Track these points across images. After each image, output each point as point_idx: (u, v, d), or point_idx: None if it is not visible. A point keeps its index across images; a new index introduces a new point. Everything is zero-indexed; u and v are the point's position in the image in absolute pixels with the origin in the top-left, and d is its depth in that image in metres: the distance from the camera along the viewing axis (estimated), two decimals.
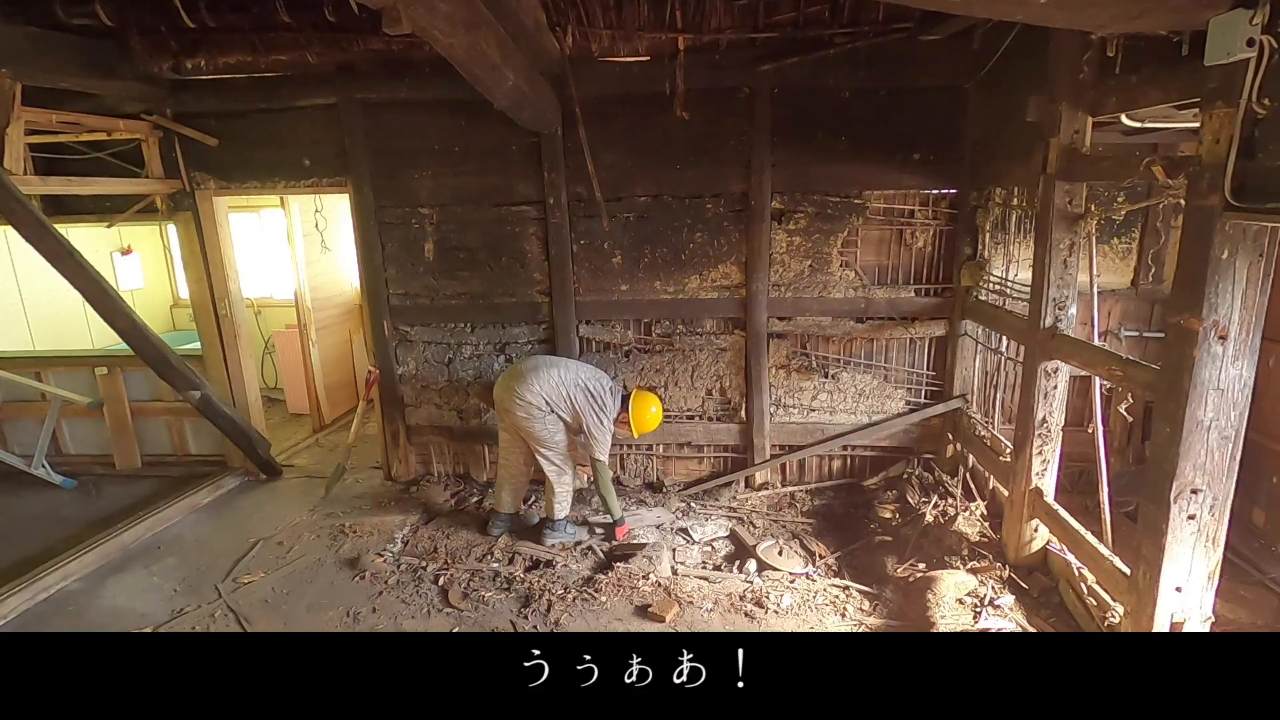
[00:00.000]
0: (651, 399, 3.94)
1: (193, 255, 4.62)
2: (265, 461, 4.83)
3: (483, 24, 2.63)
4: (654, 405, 3.93)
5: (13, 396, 5.02)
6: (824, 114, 3.97)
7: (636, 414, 3.85)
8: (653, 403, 3.92)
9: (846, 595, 3.35)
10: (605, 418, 3.78)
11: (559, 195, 4.17)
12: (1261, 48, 1.73)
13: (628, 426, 3.86)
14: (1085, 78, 2.76)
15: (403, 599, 3.40)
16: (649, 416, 3.90)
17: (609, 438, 3.83)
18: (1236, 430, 2.18)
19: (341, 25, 3.59)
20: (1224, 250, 2.01)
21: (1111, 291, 4.09)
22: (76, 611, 3.40)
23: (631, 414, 3.83)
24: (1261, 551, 3.50)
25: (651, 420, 3.92)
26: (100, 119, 4.12)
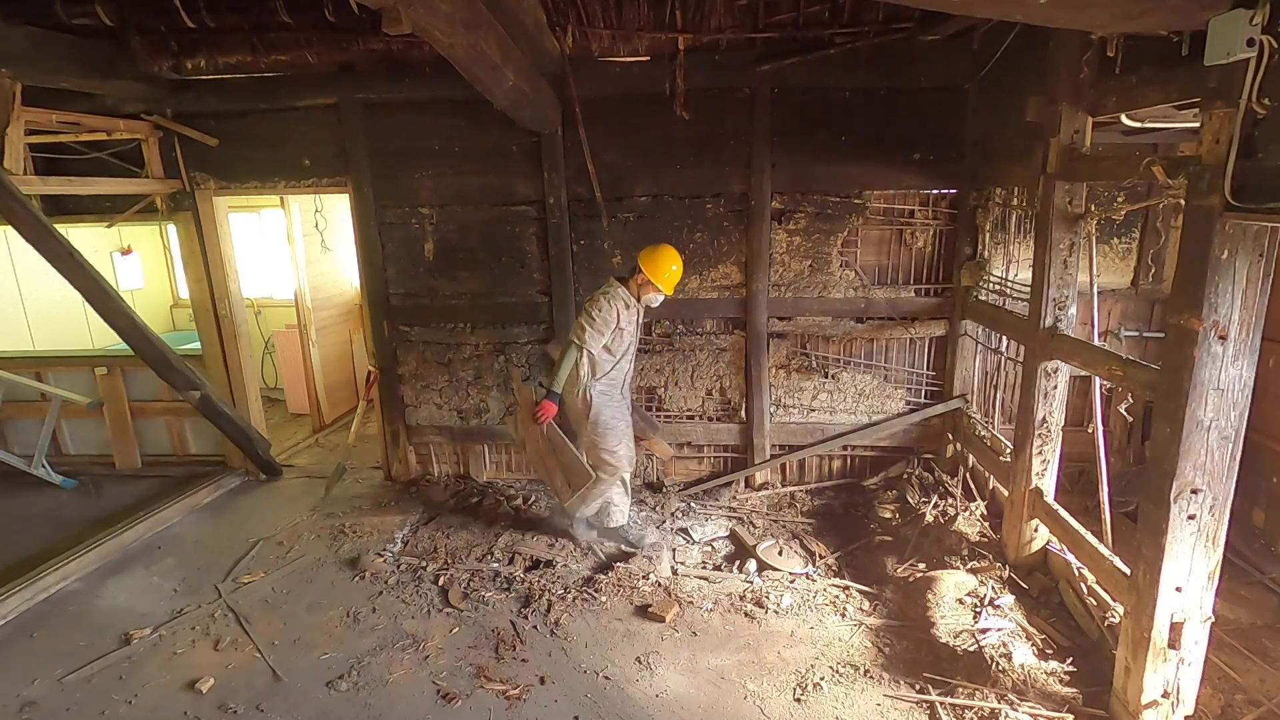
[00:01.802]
0: (659, 246, 3.57)
1: (193, 255, 4.62)
2: (265, 461, 4.83)
3: (483, 24, 2.63)
4: (664, 248, 3.55)
5: (13, 396, 5.02)
6: (824, 114, 3.97)
7: (652, 262, 3.47)
8: (661, 248, 3.54)
9: (846, 595, 3.35)
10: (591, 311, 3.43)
11: (559, 195, 4.17)
12: (1261, 48, 1.73)
13: (652, 286, 3.49)
14: (1085, 78, 2.76)
15: (403, 599, 3.40)
16: (664, 256, 3.50)
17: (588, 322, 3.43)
18: (1236, 430, 2.18)
19: (341, 25, 3.60)
20: (1224, 250, 2.00)
21: (1111, 291, 4.09)
22: (76, 611, 3.40)
23: (647, 267, 3.46)
24: (1261, 551, 3.50)
25: (669, 257, 3.51)
26: (100, 119, 4.12)
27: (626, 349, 3.56)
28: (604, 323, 3.40)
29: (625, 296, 3.45)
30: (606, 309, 3.40)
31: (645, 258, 3.48)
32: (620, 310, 3.40)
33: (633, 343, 3.59)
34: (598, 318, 3.39)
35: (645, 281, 3.48)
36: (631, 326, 3.53)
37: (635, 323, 3.55)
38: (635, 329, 3.56)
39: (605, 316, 3.41)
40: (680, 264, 3.55)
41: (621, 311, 3.41)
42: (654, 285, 3.48)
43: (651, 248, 3.53)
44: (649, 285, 3.49)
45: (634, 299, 3.51)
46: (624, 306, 3.44)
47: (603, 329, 3.41)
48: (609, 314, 3.41)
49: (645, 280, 3.48)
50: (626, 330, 3.49)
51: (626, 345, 3.54)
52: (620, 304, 3.43)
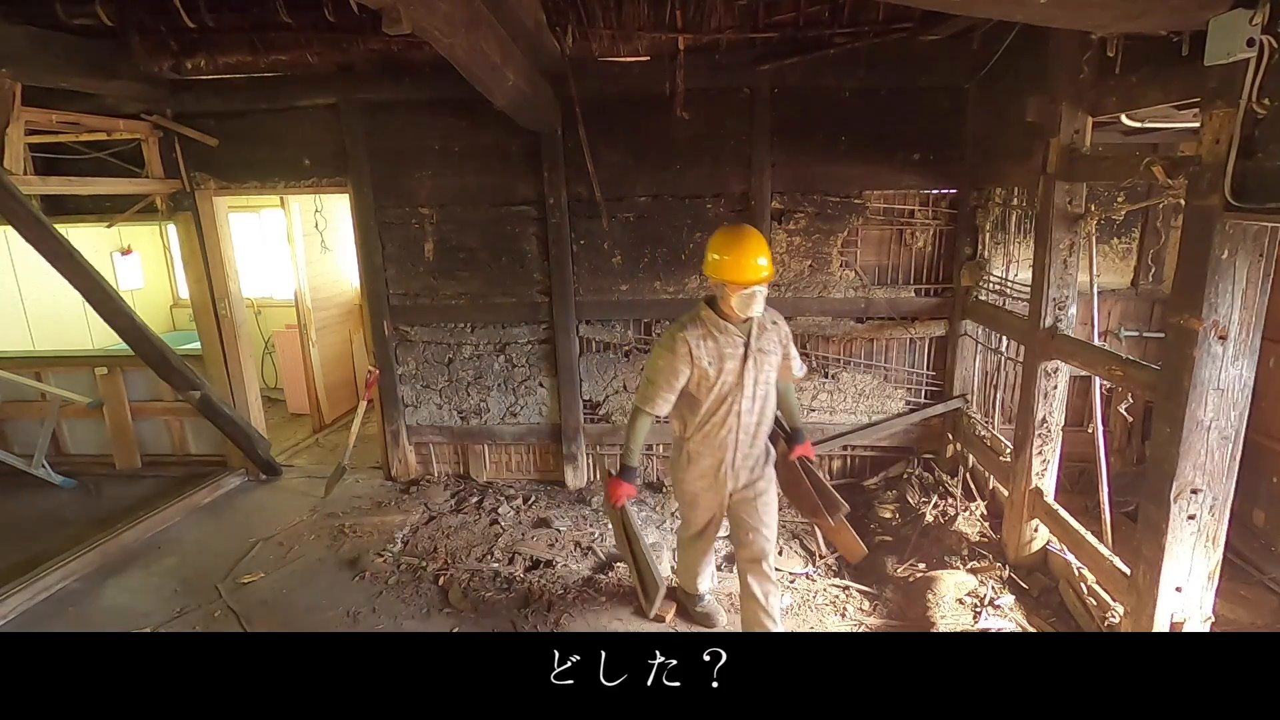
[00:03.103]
0: (714, 233, 2.63)
1: (193, 255, 4.62)
2: (265, 461, 4.83)
3: (483, 24, 2.63)
4: (718, 232, 2.61)
5: (13, 396, 5.02)
6: (824, 114, 3.97)
7: (709, 260, 2.54)
8: (715, 234, 2.61)
9: (846, 595, 3.35)
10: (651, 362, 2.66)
11: (559, 195, 4.17)
12: (1261, 48, 1.73)
13: (728, 288, 2.50)
14: (1085, 78, 2.76)
15: (403, 599, 3.40)
16: (714, 242, 2.56)
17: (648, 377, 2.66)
18: (1236, 430, 2.18)
19: (341, 25, 3.59)
20: (1224, 250, 2.01)
21: (1111, 291, 4.09)
22: (77, 612, 3.40)
23: (707, 269, 2.55)
24: (1261, 551, 3.49)
25: (720, 240, 2.55)
26: (100, 119, 4.12)
27: (727, 389, 2.58)
28: (669, 372, 2.56)
29: (704, 323, 2.55)
30: (665, 356, 2.57)
31: (707, 255, 2.56)
32: (692, 346, 2.51)
33: (746, 377, 2.57)
34: (660, 368, 2.58)
35: (718, 286, 2.54)
36: (728, 359, 2.55)
37: (736, 349, 2.55)
38: (740, 358, 2.55)
39: (668, 363, 2.56)
40: (740, 237, 2.52)
41: (694, 347, 2.52)
42: (728, 285, 2.49)
43: (714, 238, 2.58)
44: (724, 290, 2.51)
45: (721, 318, 2.56)
46: (699, 338, 2.53)
47: (670, 379, 2.57)
48: (671, 359, 2.55)
49: (718, 285, 2.53)
50: (714, 365, 2.55)
51: (724, 383, 2.57)
52: (693, 337, 2.53)
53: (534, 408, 4.61)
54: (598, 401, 4.55)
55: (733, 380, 2.57)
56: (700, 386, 2.59)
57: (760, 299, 2.49)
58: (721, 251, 2.48)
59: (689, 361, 2.54)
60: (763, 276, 2.47)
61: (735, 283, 2.46)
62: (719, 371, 2.55)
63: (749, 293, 2.47)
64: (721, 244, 2.51)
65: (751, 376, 2.58)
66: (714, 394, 2.58)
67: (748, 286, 2.46)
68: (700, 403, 2.61)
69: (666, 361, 2.56)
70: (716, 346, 2.55)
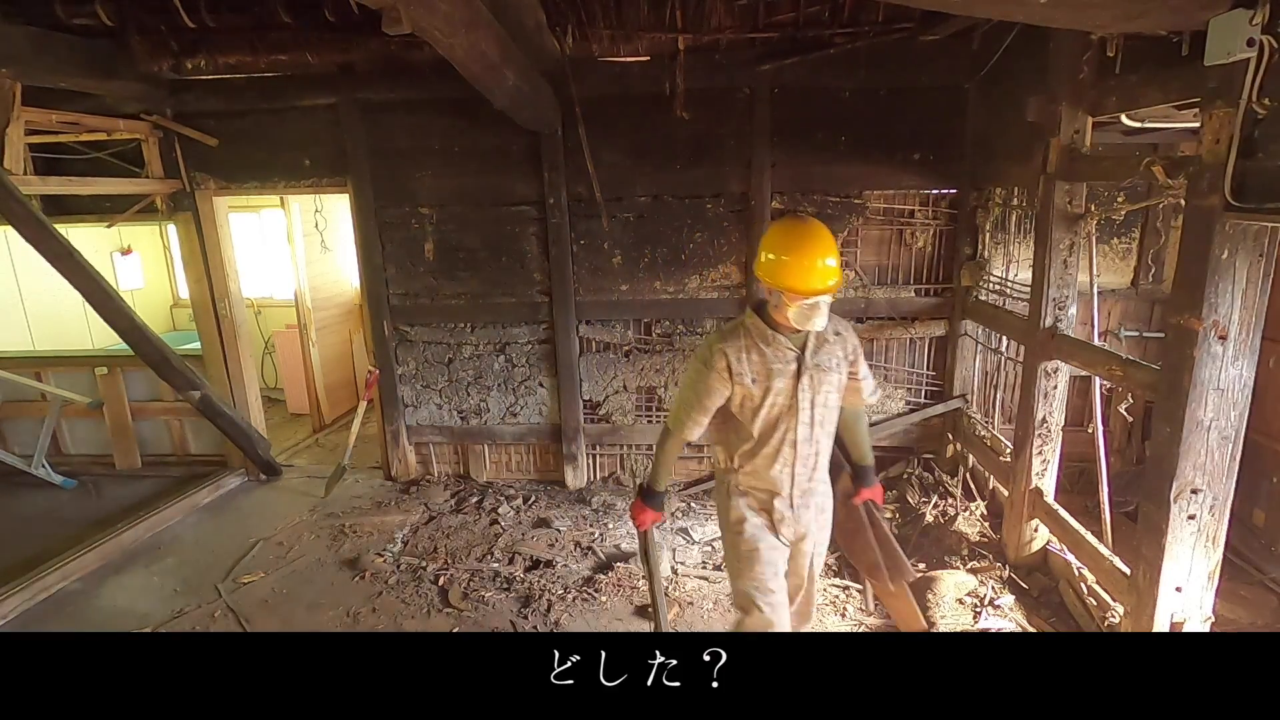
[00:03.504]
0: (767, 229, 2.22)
1: (193, 255, 4.62)
2: (265, 461, 4.83)
3: (483, 24, 2.63)
4: (771, 228, 2.14)
5: (13, 396, 5.02)
6: (824, 114, 3.97)
7: (761, 261, 2.07)
8: (768, 230, 2.15)
9: (846, 595, 3.35)
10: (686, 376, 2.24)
11: (559, 195, 4.17)
12: (1261, 48, 1.73)
13: (795, 295, 1.99)
14: (1085, 78, 2.76)
15: (403, 599, 3.40)
16: (767, 240, 2.08)
17: (680, 394, 2.25)
18: (1236, 430, 2.18)
19: (341, 25, 3.60)
20: (1224, 250, 2.01)
21: (1111, 291, 4.09)
22: (76, 612, 3.40)
23: (759, 270, 2.08)
24: (1261, 551, 3.49)
25: (772, 237, 2.08)
26: (100, 119, 4.12)
27: (778, 413, 2.12)
28: (703, 391, 2.14)
29: (749, 333, 2.11)
30: (699, 371, 2.14)
31: (760, 254, 2.09)
32: (731, 361, 2.08)
33: (800, 399, 2.10)
34: (693, 385, 2.17)
35: (771, 293, 2.07)
36: (778, 377, 2.09)
37: (788, 364, 2.09)
38: (793, 375, 2.09)
39: (702, 380, 2.14)
40: (803, 234, 2.03)
41: (735, 362, 2.08)
42: (784, 293, 2.00)
43: (769, 232, 2.12)
44: (779, 297, 2.03)
45: (770, 328, 2.10)
46: (741, 351, 2.09)
47: (704, 398, 2.15)
48: (705, 375, 2.13)
49: (772, 291, 2.06)
50: (759, 384, 2.10)
51: (773, 405, 2.11)
52: (733, 350, 2.09)
53: (534, 408, 4.61)
54: (598, 401, 4.55)
55: (784, 402, 2.10)
56: (744, 409, 2.15)
57: (824, 311, 2.02)
58: (778, 250, 2.01)
59: (727, 379, 2.10)
60: (829, 284, 1.98)
61: (795, 291, 1.97)
62: (766, 391, 2.09)
63: (811, 303, 1.99)
64: (778, 241, 2.04)
65: (807, 398, 2.10)
66: (762, 418, 2.12)
67: (810, 296, 1.97)
68: (746, 429, 2.16)
69: (700, 377, 2.14)
70: (763, 361, 2.09)
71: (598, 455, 4.68)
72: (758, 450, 2.17)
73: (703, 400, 2.16)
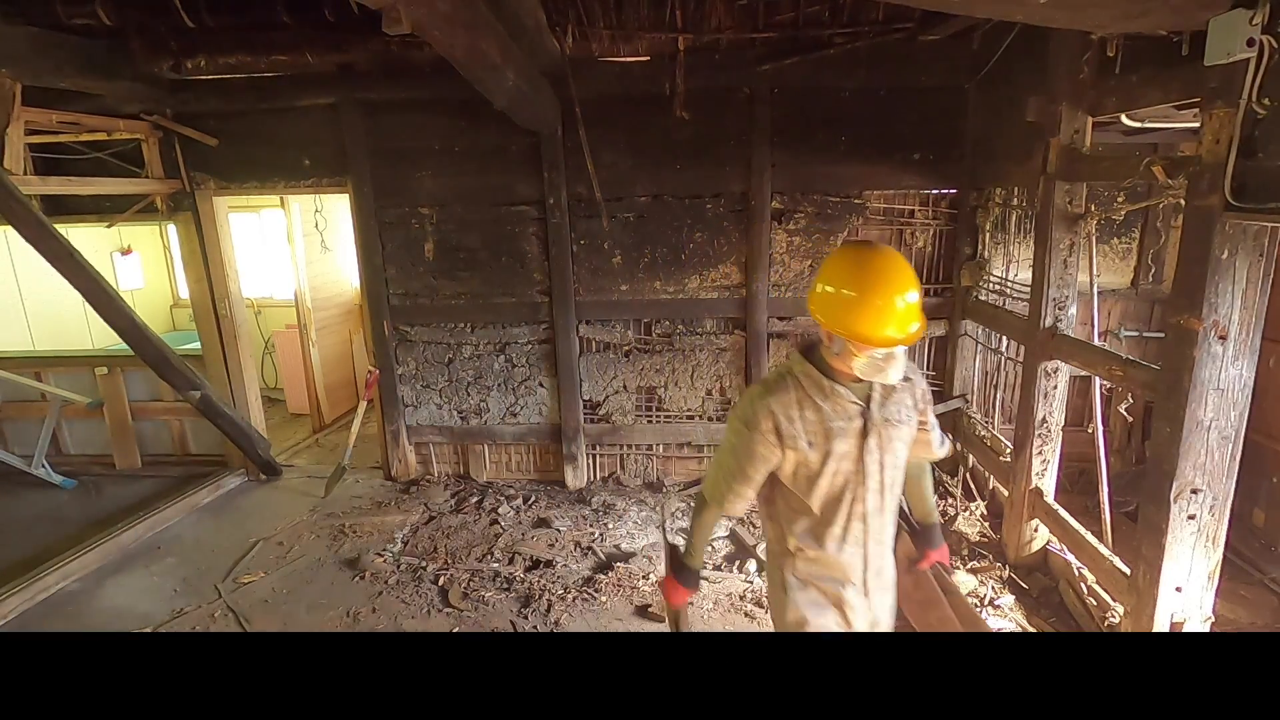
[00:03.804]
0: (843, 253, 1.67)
1: (193, 255, 4.62)
2: (265, 461, 4.83)
3: (483, 24, 2.63)
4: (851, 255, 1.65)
5: (13, 396, 5.02)
6: (824, 114, 3.97)
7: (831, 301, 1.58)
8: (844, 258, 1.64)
9: None
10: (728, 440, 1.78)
11: (559, 195, 4.17)
12: (1261, 48, 1.73)
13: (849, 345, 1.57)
14: (1085, 78, 2.76)
15: (403, 599, 3.40)
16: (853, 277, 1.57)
17: (718, 460, 1.81)
18: (1236, 430, 2.19)
19: (341, 25, 3.60)
20: (1224, 250, 2.01)
21: (1111, 291, 4.09)
22: (76, 612, 3.40)
23: (822, 309, 1.60)
24: (1261, 551, 3.49)
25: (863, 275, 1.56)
26: (100, 119, 4.12)
27: (842, 481, 1.69)
28: (746, 457, 1.71)
29: (800, 385, 1.67)
30: (740, 434, 1.71)
31: (818, 287, 1.63)
32: (780, 421, 1.65)
33: (867, 462, 1.68)
34: (733, 451, 1.74)
35: (834, 338, 1.61)
36: (839, 438, 1.66)
37: (850, 420, 1.66)
38: (858, 433, 1.66)
39: (744, 445, 1.70)
40: (878, 266, 1.57)
41: (785, 423, 1.65)
42: (850, 341, 1.56)
43: (831, 259, 1.65)
44: (844, 344, 1.58)
45: (826, 377, 1.66)
46: (792, 408, 1.66)
47: (747, 467, 1.72)
48: (748, 440, 1.69)
49: (833, 337, 1.61)
50: (817, 447, 1.66)
51: (835, 472, 1.68)
52: (781, 406, 1.66)
53: (534, 408, 4.62)
54: (598, 401, 4.55)
55: (849, 468, 1.67)
56: (798, 477, 1.71)
57: (901, 361, 1.59)
58: (844, 284, 1.56)
59: (776, 443, 1.66)
60: (911, 330, 1.54)
61: (866, 339, 1.52)
62: (825, 456, 1.66)
63: (885, 354, 1.55)
64: (844, 273, 1.58)
65: (875, 460, 1.67)
66: (822, 489, 1.69)
67: (886, 346, 1.53)
68: (802, 502, 1.72)
69: (742, 442, 1.70)
70: (819, 420, 1.65)
71: (598, 455, 4.69)
72: (820, 529, 1.73)
73: (745, 469, 1.73)
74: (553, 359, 4.48)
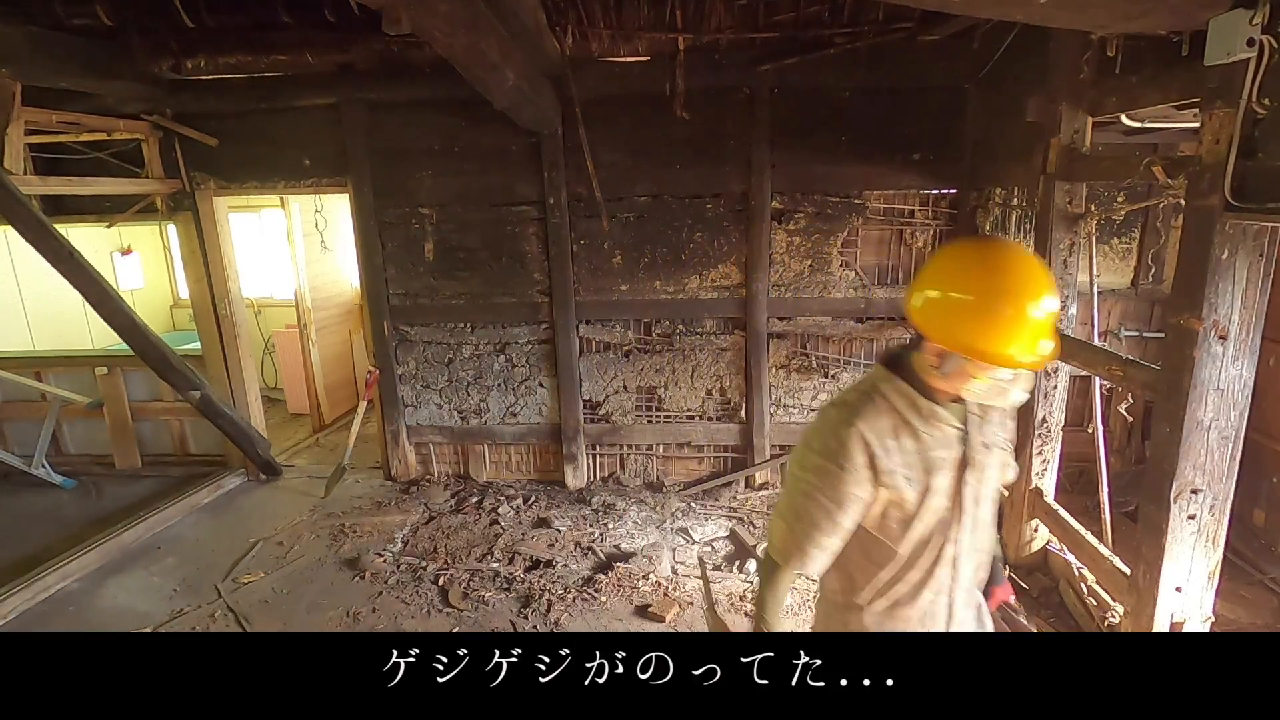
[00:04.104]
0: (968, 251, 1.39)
1: (193, 255, 4.62)
2: (265, 461, 4.83)
3: (483, 24, 2.63)
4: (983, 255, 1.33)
5: (13, 396, 5.02)
6: (824, 114, 3.97)
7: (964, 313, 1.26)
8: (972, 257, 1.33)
9: None
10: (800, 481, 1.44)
11: (559, 195, 4.17)
12: (1261, 48, 1.73)
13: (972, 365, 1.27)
14: (1085, 78, 2.76)
15: (403, 599, 3.40)
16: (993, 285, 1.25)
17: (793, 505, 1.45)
18: (1236, 430, 2.18)
19: (341, 25, 3.60)
20: (1224, 250, 2.01)
21: (1111, 291, 4.09)
22: (76, 611, 3.40)
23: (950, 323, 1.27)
24: (1261, 551, 3.49)
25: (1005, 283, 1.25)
26: (100, 119, 4.12)
27: (935, 522, 1.41)
28: (834, 500, 1.38)
29: (892, 405, 1.39)
30: (824, 469, 1.38)
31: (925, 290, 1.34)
32: (876, 453, 1.35)
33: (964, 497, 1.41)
34: (815, 492, 1.40)
35: (944, 355, 1.32)
36: (939, 470, 1.39)
37: (949, 449, 1.40)
38: (956, 464, 1.40)
39: (832, 485, 1.38)
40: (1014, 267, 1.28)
41: (881, 454, 1.36)
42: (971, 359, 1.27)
43: (944, 258, 1.39)
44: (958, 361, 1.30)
45: (922, 395, 1.39)
46: (887, 434, 1.37)
47: (834, 512, 1.39)
48: (837, 478, 1.37)
49: (943, 353, 1.32)
50: (915, 482, 1.38)
51: (930, 510, 1.40)
52: (875, 432, 1.36)
53: (534, 408, 4.62)
54: (598, 401, 4.55)
55: (944, 504, 1.39)
56: (887, 521, 1.41)
57: (1029, 380, 1.32)
58: (969, 290, 1.26)
59: (869, 480, 1.35)
60: (1048, 350, 1.27)
61: (995, 359, 1.23)
62: (923, 493, 1.37)
63: (1012, 377, 1.28)
64: (968, 276, 1.28)
65: (972, 494, 1.40)
66: (915, 534, 1.40)
67: (1019, 368, 1.26)
68: (886, 548, 1.44)
69: (826, 482, 1.36)
70: (919, 449, 1.37)
71: (598, 455, 4.69)
72: (901, 575, 1.45)
73: (834, 516, 1.37)
74: (553, 359, 4.48)
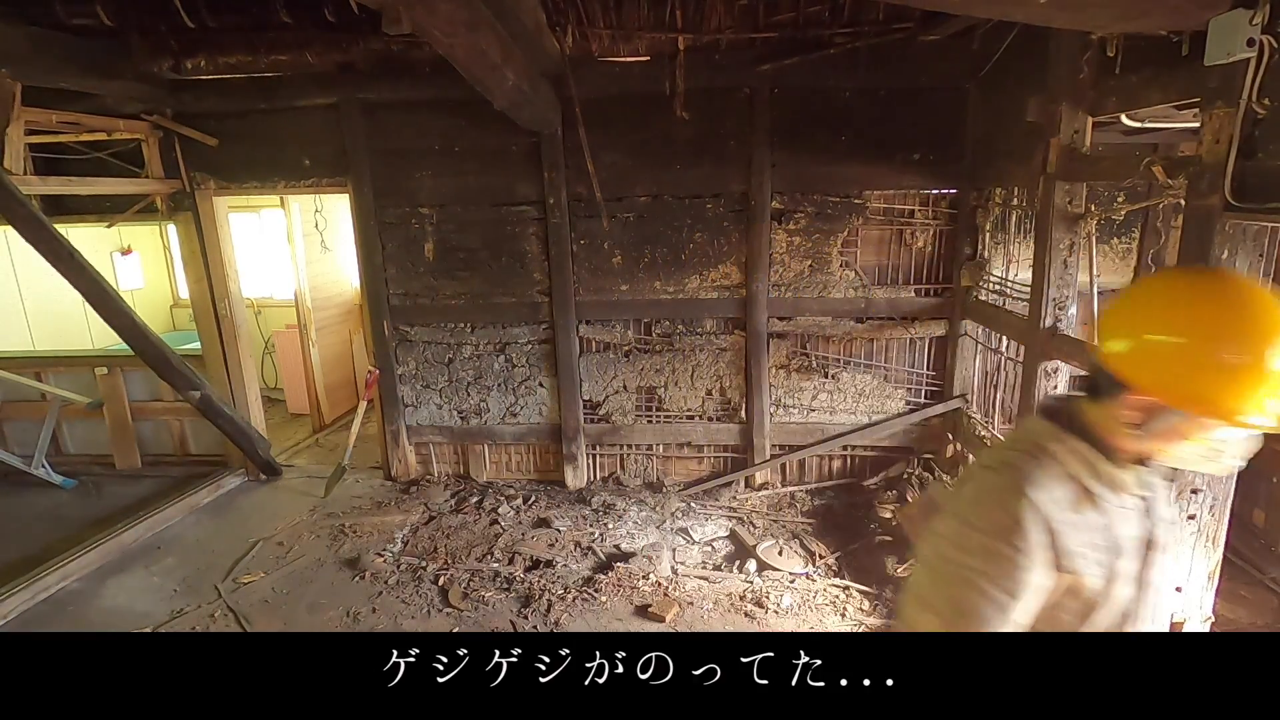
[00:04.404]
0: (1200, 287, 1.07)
1: (193, 255, 4.62)
2: (265, 461, 4.83)
3: (483, 24, 2.63)
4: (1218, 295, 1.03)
5: (13, 396, 5.02)
6: (824, 114, 3.97)
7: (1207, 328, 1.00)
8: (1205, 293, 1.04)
9: (846, 595, 3.35)
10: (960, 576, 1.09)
11: (559, 195, 4.17)
12: (1261, 48, 1.73)
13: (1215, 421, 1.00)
14: (1085, 78, 2.76)
15: (403, 599, 3.40)
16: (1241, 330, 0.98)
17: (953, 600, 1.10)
18: None
19: (341, 25, 3.60)
20: (1224, 250, 2.01)
21: (1112, 291, 4.09)
22: (76, 611, 3.40)
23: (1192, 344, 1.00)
24: (1261, 551, 3.50)
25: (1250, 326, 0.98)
26: (100, 119, 4.12)
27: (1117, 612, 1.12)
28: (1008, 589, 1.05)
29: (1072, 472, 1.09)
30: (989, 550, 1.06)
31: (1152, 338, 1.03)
32: (1057, 530, 1.05)
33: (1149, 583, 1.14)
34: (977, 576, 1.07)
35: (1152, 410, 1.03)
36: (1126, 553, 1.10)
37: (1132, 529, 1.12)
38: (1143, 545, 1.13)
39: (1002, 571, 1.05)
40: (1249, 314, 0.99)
41: (1063, 530, 1.05)
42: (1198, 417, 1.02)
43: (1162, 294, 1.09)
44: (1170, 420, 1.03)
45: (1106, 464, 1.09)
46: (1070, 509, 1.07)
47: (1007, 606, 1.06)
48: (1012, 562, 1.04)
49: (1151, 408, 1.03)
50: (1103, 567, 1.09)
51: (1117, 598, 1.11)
52: (1057, 508, 1.06)
53: (534, 408, 4.62)
54: (598, 401, 4.55)
55: (1131, 595, 1.13)
56: (1059, 614, 1.13)
57: (1249, 449, 1.08)
58: (1223, 336, 1.00)
59: (1049, 562, 1.06)
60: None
61: (1241, 415, 0.99)
62: (1110, 579, 1.11)
63: (1229, 439, 1.06)
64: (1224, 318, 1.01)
65: (1157, 582, 1.17)
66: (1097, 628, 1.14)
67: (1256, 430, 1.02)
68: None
69: (1002, 569, 1.06)
70: (1108, 526, 1.10)
71: (598, 455, 4.69)
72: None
73: (1007, 611, 1.07)
74: (553, 359, 4.48)
